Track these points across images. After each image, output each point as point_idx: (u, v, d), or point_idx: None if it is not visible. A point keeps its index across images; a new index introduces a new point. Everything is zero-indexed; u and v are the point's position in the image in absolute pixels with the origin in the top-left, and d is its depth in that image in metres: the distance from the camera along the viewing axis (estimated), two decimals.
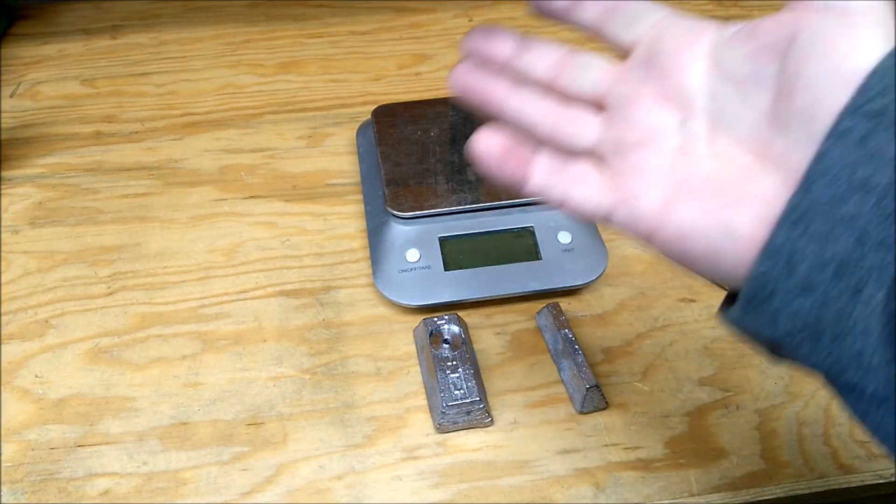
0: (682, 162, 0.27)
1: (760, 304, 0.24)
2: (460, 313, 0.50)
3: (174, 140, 0.64)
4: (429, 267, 0.51)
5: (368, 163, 0.58)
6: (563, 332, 0.48)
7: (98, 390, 0.47)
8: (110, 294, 0.52)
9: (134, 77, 0.71)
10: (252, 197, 0.59)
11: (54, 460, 0.44)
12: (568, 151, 0.30)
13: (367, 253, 0.55)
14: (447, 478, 0.43)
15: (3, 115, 0.67)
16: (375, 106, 0.61)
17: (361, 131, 0.62)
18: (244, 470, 0.43)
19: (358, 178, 0.60)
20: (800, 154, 0.24)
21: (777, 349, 0.26)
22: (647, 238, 0.28)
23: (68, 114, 0.67)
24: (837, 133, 0.23)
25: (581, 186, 0.30)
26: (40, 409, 0.46)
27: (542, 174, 0.30)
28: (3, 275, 0.53)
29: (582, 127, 0.30)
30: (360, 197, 0.58)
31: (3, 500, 0.42)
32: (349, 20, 0.78)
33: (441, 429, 0.45)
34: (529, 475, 0.43)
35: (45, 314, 0.51)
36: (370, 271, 0.52)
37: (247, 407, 0.46)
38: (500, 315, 0.51)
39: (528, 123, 0.31)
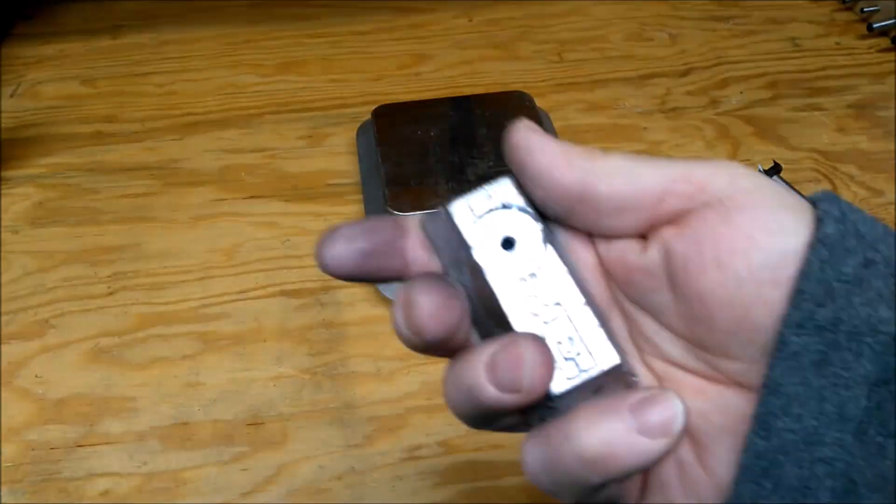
0: None
1: None
2: None
3: (174, 140, 0.64)
4: None
5: (368, 163, 0.58)
6: None
7: (98, 390, 0.47)
8: (110, 294, 0.52)
9: (134, 77, 0.71)
10: (252, 197, 0.59)
11: (54, 460, 0.44)
12: None
13: None
14: (448, 478, 0.43)
15: (3, 115, 0.67)
16: (375, 106, 0.61)
17: (361, 131, 0.62)
18: (244, 470, 0.43)
19: (358, 178, 0.60)
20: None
21: None
22: None
23: (68, 114, 0.67)
24: (787, 356, 0.19)
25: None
26: (40, 409, 0.46)
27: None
28: (3, 275, 0.53)
29: None
30: (360, 197, 0.58)
31: (3, 500, 0.42)
32: (349, 20, 0.78)
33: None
34: None
35: (45, 314, 0.51)
36: None
37: (247, 407, 0.46)
38: None
39: None
